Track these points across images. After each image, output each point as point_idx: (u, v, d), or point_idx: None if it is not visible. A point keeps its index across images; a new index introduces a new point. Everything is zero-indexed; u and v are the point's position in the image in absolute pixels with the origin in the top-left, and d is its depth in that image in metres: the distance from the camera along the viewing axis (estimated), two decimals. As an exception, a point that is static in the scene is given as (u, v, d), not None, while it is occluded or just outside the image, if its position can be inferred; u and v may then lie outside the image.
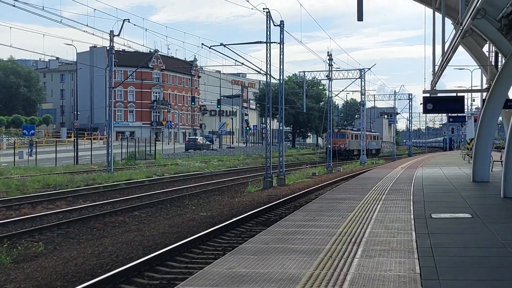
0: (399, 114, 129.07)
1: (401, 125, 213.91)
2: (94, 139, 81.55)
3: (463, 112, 29.09)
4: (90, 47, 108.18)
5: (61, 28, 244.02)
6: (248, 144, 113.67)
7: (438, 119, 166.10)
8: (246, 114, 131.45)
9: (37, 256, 13.89)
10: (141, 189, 31.76)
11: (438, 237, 10.43)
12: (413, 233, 10.88)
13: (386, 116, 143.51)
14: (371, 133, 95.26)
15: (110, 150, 43.18)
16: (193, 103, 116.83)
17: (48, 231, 17.58)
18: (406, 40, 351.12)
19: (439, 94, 25.05)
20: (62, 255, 13.61)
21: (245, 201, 25.01)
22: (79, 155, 56.14)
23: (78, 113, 67.02)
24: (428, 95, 24.33)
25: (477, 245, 9.84)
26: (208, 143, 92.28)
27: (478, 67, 29.38)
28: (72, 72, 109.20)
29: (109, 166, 42.85)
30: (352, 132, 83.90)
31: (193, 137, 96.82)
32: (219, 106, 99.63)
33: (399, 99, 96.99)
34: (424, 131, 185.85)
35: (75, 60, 79.79)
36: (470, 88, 52.87)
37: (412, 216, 13.18)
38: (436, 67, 25.30)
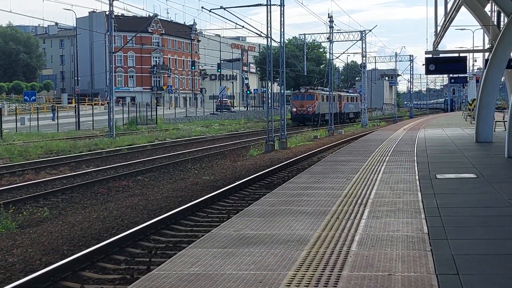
0: (400, 76, 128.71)
1: (402, 86, 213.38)
2: (95, 104, 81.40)
3: (466, 72, 28.95)
4: (89, 12, 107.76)
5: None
6: (248, 108, 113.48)
7: (439, 81, 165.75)
8: (247, 78, 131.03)
9: (43, 221, 13.92)
10: (144, 154, 31.76)
11: (444, 197, 10.42)
12: (419, 193, 10.87)
13: (387, 78, 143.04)
14: (348, 94, 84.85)
15: (111, 116, 43.11)
16: (193, 68, 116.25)
17: (52, 196, 17.60)
18: (406, 1, 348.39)
19: (441, 55, 24.91)
20: (68, 220, 13.65)
21: (247, 164, 25.02)
22: (81, 120, 56.09)
23: (79, 78, 66.82)
24: (430, 55, 24.17)
25: (484, 204, 9.84)
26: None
27: (480, 27, 29.17)
28: (72, 37, 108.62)
29: (111, 132, 42.83)
30: (323, 93, 72.30)
31: (225, 99, 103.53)
32: (219, 70, 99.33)
33: (400, 61, 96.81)
34: (425, 92, 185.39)
35: (74, 25, 79.22)
36: (472, 49, 52.60)
37: (417, 177, 13.18)
38: (438, 28, 25.12)
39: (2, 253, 10.55)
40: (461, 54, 24.24)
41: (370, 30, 67.56)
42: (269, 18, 34.87)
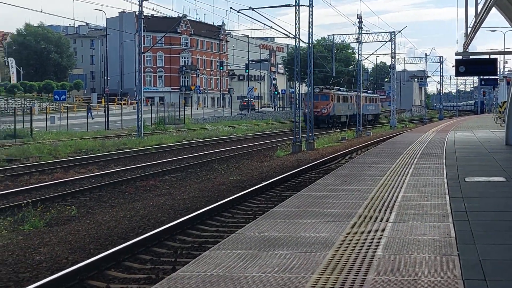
0: (429, 78, 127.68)
1: (432, 88, 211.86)
2: (124, 104, 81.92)
3: (496, 74, 28.62)
4: (119, 12, 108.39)
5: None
6: (276, 108, 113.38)
7: (469, 82, 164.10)
8: (274, 79, 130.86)
9: (70, 220, 14.02)
10: (171, 154, 31.88)
11: (472, 201, 10.29)
12: (447, 197, 10.75)
13: (416, 79, 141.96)
14: (366, 95, 77.53)
15: (140, 115, 43.36)
16: (221, 68, 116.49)
17: (80, 195, 17.73)
18: (436, 2, 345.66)
19: (471, 57, 24.64)
20: (95, 219, 13.72)
21: (274, 165, 24.97)
22: (110, 120, 56.50)
23: (108, 78, 67.26)
24: (460, 57, 23.92)
25: (513, 209, 9.70)
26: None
27: (511, 28, 28.78)
28: (102, 37, 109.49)
29: (139, 131, 43.07)
30: (339, 93, 68.32)
31: (248, 100, 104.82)
32: (247, 70, 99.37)
33: (430, 62, 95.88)
34: (455, 94, 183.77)
35: (104, 25, 79.88)
36: (503, 50, 51.99)
37: (445, 180, 13.04)
38: (469, 29, 24.84)
39: (30, 251, 10.64)
40: (492, 56, 23.96)
41: (400, 31, 66.88)
42: (297, 18, 34.80)
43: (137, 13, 46.08)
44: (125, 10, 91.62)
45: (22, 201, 15.73)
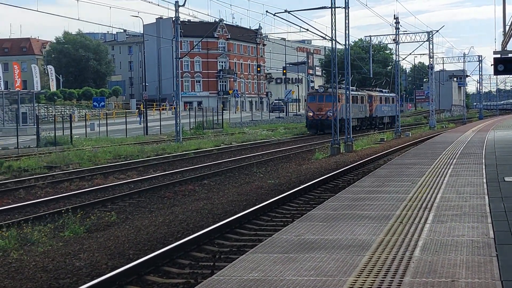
0: (468, 77, 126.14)
1: (471, 87, 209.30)
2: (162, 109, 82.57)
3: (537, 72, 28.06)
4: (156, 18, 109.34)
5: (127, 0, 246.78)
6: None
7: (510, 81, 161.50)
8: (312, 81, 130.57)
9: (110, 225, 14.17)
10: (210, 158, 32.02)
11: (512, 201, 10.15)
12: (486, 197, 10.62)
13: (455, 79, 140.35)
14: (380, 94, 67.86)
15: (178, 120, 43.66)
16: (258, 72, 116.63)
17: (120, 201, 17.91)
18: (474, 0, 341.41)
19: (510, 55, 24.29)
20: (134, 224, 13.85)
21: (312, 168, 24.91)
22: (149, 125, 56.98)
23: (147, 84, 67.84)
24: (498, 56, 23.60)
25: (554, 208, 9.53)
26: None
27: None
28: (140, 44, 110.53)
29: (178, 136, 43.37)
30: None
31: (279, 101, 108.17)
32: (284, 73, 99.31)
33: (469, 61, 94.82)
34: (495, 93, 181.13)
35: (142, 32, 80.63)
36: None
37: (484, 180, 12.88)
38: (507, 27, 24.52)
39: (70, 257, 10.78)
40: (532, 53, 23.57)
41: (437, 31, 66.48)
42: (333, 20, 34.69)
43: (173, 19, 46.41)
44: (162, 16, 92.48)
45: (62, 208, 15.95)
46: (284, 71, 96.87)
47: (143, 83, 68.41)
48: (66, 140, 40.69)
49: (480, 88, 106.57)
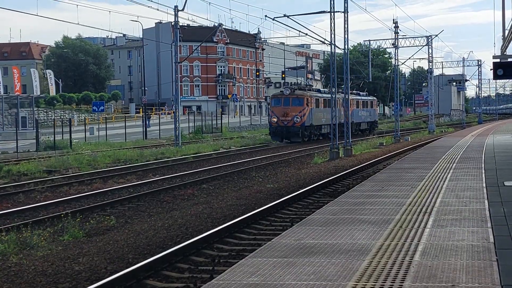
0: (468, 81, 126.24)
1: (470, 92, 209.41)
2: (161, 113, 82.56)
3: (536, 77, 28.04)
4: (155, 23, 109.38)
5: (126, 5, 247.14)
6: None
7: (509, 85, 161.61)
8: (311, 85, 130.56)
9: (109, 230, 14.16)
10: (209, 162, 32.02)
11: (512, 206, 10.15)
12: (486, 201, 10.61)
13: (454, 83, 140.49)
14: (357, 97, 61.71)
15: (177, 125, 43.67)
16: (257, 76, 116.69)
17: (119, 205, 17.90)
18: (473, 5, 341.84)
19: (509, 59, 24.29)
20: (133, 228, 13.84)
21: (311, 172, 24.92)
22: (148, 130, 56.96)
23: (146, 88, 67.95)
24: (498, 60, 23.60)
25: (554, 213, 9.52)
26: None
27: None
28: (139, 48, 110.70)
29: (177, 140, 43.38)
30: (319, 95, 53.07)
31: None
32: (283, 78, 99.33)
33: (468, 66, 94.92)
34: (494, 97, 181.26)
35: (141, 36, 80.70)
36: (543, 52, 51.17)
37: (484, 185, 12.88)
38: (506, 32, 24.54)
39: (69, 261, 10.77)
40: (531, 58, 23.55)
41: (437, 35, 66.52)
42: (332, 25, 34.77)
43: (173, 23, 46.48)
44: (161, 21, 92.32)
45: (62, 212, 15.95)
46: (283, 75, 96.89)
47: (143, 88, 68.48)
48: (65, 144, 40.68)
49: (480, 92, 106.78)
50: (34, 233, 13.02)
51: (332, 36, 34.82)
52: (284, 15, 36.96)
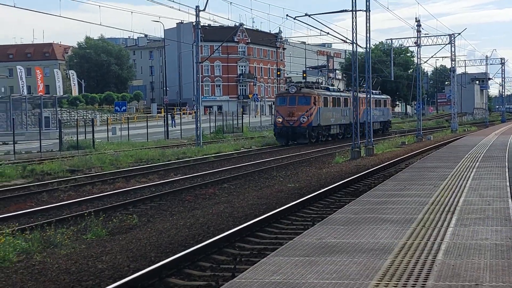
0: (491, 80, 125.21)
1: (494, 90, 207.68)
2: (183, 113, 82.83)
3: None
4: (177, 23, 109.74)
5: (148, 5, 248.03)
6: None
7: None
8: (332, 85, 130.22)
9: (132, 228, 14.23)
10: (230, 162, 32.06)
11: (536, 205, 10.06)
12: (509, 200, 10.53)
13: (477, 82, 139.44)
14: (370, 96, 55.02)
15: (199, 125, 43.77)
16: (278, 76, 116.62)
17: (141, 204, 17.98)
18: (496, 3, 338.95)
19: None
20: (156, 227, 13.90)
21: (333, 171, 24.85)
22: (169, 130, 57.16)
23: (167, 89, 68.11)
24: (522, 58, 23.42)
25: None
26: None
27: None
28: (160, 48, 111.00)
29: (198, 140, 43.48)
30: (327, 93, 50.16)
31: None
32: (304, 77, 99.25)
33: (491, 64, 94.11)
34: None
35: (162, 36, 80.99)
36: None
37: (507, 183, 12.78)
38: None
39: (92, 259, 10.84)
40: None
41: (459, 34, 65.78)
42: (354, 24, 34.60)
43: (194, 24, 46.59)
44: (182, 21, 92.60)
45: (85, 211, 16.06)
46: (304, 74, 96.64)
47: (164, 88, 68.70)
48: (88, 144, 40.91)
49: (503, 91, 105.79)
50: (58, 232, 13.12)
51: (354, 35, 34.67)
52: (306, 14, 36.89)
